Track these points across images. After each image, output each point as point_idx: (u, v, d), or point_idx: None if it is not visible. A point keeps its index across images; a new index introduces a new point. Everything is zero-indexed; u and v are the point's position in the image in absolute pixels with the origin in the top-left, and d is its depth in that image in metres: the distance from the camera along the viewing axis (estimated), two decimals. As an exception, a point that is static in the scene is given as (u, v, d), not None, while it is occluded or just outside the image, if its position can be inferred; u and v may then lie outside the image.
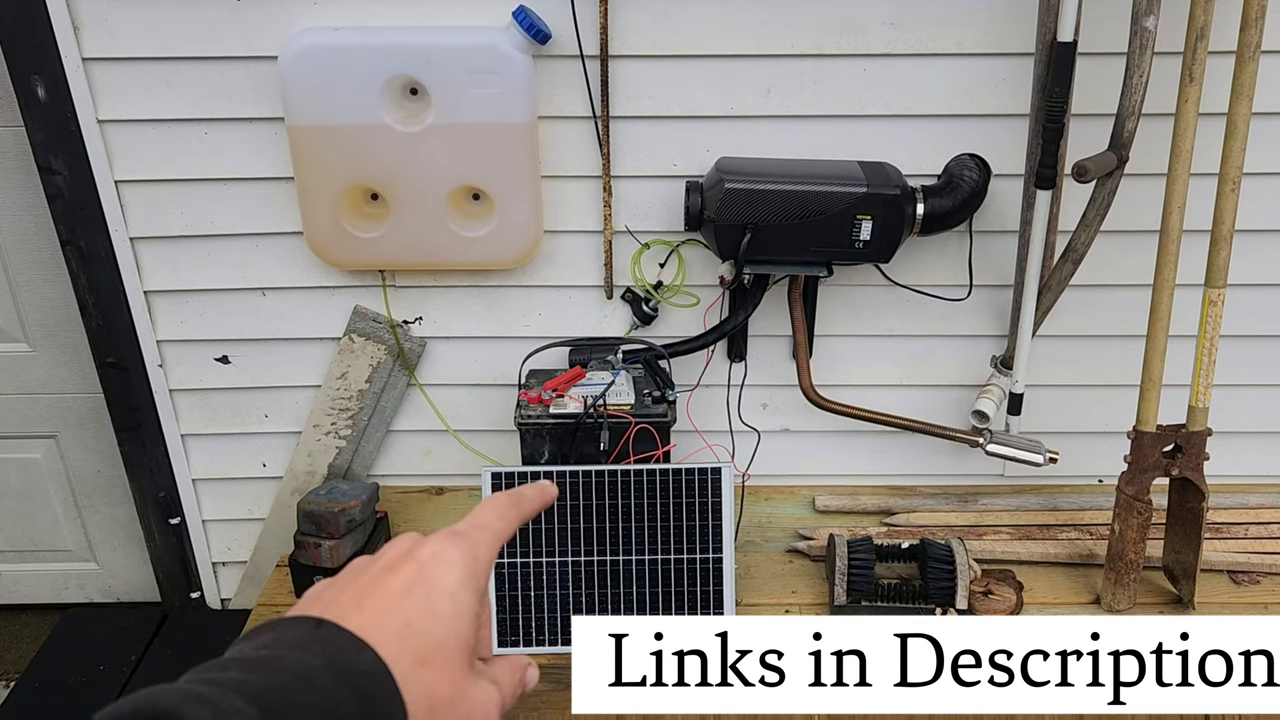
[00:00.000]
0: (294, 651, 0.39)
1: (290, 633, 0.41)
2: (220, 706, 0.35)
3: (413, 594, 0.43)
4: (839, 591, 1.56)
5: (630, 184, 1.64)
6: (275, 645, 0.40)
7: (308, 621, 0.41)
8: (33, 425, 2.00)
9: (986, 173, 1.59)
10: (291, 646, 0.39)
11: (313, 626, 0.41)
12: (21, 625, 2.17)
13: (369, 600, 0.42)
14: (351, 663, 0.39)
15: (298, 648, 0.39)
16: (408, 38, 1.51)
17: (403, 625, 0.42)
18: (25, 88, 1.56)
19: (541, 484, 0.54)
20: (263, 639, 0.41)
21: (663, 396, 1.62)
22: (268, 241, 1.69)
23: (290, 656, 0.39)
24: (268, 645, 0.40)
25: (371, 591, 0.43)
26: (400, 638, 0.41)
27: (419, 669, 0.41)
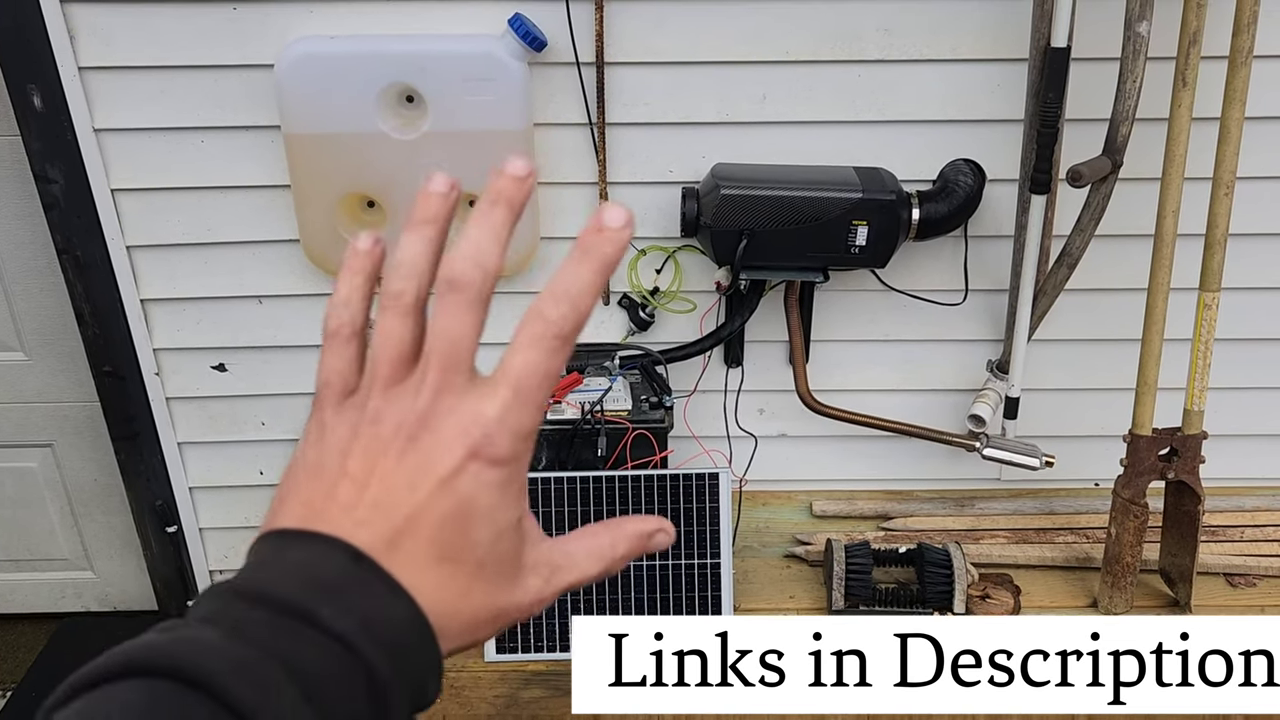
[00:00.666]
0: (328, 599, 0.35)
1: (325, 562, 0.37)
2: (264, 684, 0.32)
3: (445, 528, 0.38)
4: (837, 596, 1.56)
5: (626, 190, 1.65)
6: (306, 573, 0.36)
7: (344, 551, 0.37)
8: (29, 434, 1.99)
9: (981, 178, 1.59)
10: (327, 589, 0.36)
11: (350, 560, 0.37)
12: (18, 635, 2.16)
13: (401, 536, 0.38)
14: (389, 615, 0.36)
15: (334, 593, 0.36)
16: (403, 46, 1.51)
17: (439, 561, 0.38)
18: (21, 97, 1.56)
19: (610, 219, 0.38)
20: (293, 558, 0.37)
21: (660, 402, 1.62)
22: (264, 249, 1.69)
23: (326, 607, 0.35)
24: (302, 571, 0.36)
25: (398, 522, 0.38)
26: (437, 576, 0.38)
27: (459, 604, 0.39)
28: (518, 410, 0.38)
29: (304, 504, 0.39)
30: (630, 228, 0.38)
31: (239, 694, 0.32)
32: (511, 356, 0.38)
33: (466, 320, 0.39)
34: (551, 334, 0.38)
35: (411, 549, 0.38)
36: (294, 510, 0.39)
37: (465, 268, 0.39)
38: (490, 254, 0.39)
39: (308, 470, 0.40)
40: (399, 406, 0.39)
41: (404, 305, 0.40)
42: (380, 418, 0.39)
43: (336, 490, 0.39)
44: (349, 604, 0.36)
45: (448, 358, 0.39)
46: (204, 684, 0.32)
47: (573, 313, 0.38)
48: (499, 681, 1.52)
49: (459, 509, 0.38)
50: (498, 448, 0.38)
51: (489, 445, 0.38)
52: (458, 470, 0.38)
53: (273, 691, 0.33)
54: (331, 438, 0.40)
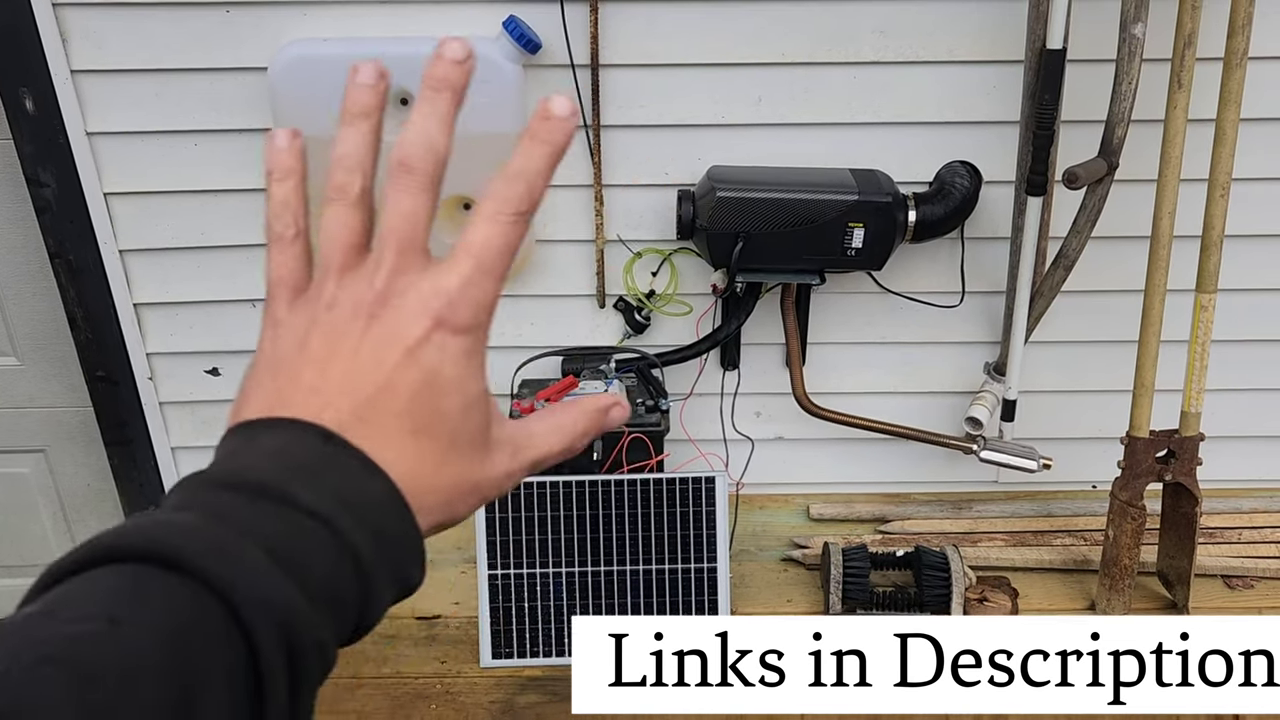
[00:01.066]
0: (305, 480, 0.35)
1: (297, 445, 0.36)
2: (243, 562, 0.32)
3: (416, 400, 0.38)
4: (834, 600, 1.55)
5: (622, 193, 1.64)
6: (282, 458, 0.36)
7: (314, 432, 0.37)
8: (21, 439, 1.98)
9: (978, 180, 1.59)
10: (301, 470, 0.35)
11: (321, 442, 0.36)
12: (10, 641, 2.15)
13: (370, 411, 0.37)
14: (365, 493, 0.36)
15: (308, 474, 0.35)
16: (398, 48, 1.50)
17: (412, 433, 0.38)
18: (13, 100, 1.56)
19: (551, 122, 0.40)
20: (264, 444, 0.36)
21: (656, 405, 1.61)
22: (258, 253, 1.67)
23: (303, 491, 0.35)
24: (274, 456, 0.36)
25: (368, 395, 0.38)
26: (413, 448, 0.38)
27: (434, 476, 0.38)
28: (479, 280, 0.39)
29: (268, 394, 0.39)
30: (576, 117, 0.40)
31: (219, 572, 0.31)
32: (470, 232, 0.39)
33: (420, 201, 0.40)
34: (509, 210, 0.40)
35: (383, 423, 0.37)
36: (259, 402, 0.39)
37: (417, 151, 0.40)
38: (439, 137, 0.40)
39: (267, 365, 0.40)
40: (356, 289, 0.39)
41: (351, 196, 0.40)
42: (338, 302, 0.39)
43: (300, 376, 0.38)
44: (326, 484, 0.35)
45: (403, 237, 0.39)
46: (184, 565, 0.31)
47: (527, 190, 0.40)
48: (495, 687, 1.51)
49: (428, 379, 0.38)
50: (461, 316, 0.39)
51: (452, 313, 0.38)
52: (423, 340, 0.38)
53: (253, 570, 0.32)
54: (287, 331, 0.40)
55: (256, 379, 0.40)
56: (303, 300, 0.41)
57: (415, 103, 0.40)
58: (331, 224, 0.40)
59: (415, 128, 0.40)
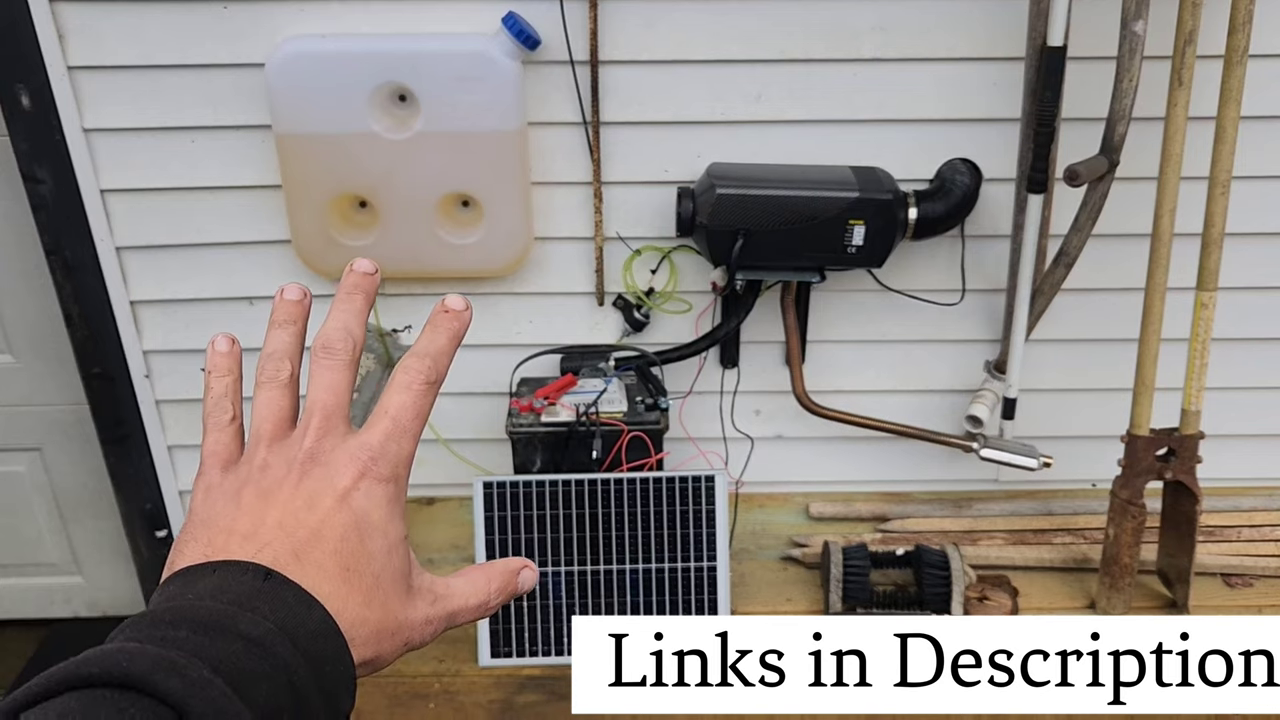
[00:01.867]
0: (244, 611, 0.38)
1: (236, 583, 0.39)
2: (190, 676, 0.34)
3: (346, 539, 0.42)
4: (834, 599, 1.55)
5: (621, 190, 1.64)
6: (222, 597, 0.39)
7: (254, 571, 0.40)
8: (17, 438, 1.97)
9: (978, 177, 1.59)
10: (241, 603, 0.38)
11: (260, 579, 0.40)
12: (7, 641, 2.14)
13: (305, 548, 0.42)
14: (302, 623, 0.39)
15: (247, 606, 0.38)
16: (396, 45, 1.50)
17: (343, 571, 0.42)
18: (9, 96, 1.55)
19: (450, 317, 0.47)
20: (206, 585, 0.39)
21: (655, 404, 1.61)
22: (255, 250, 1.68)
23: (242, 618, 0.38)
24: (215, 596, 0.39)
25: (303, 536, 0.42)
26: (343, 584, 0.42)
27: (363, 611, 0.42)
28: (398, 437, 0.45)
29: (203, 545, 0.42)
30: (469, 310, 0.48)
31: (168, 686, 0.33)
32: (386, 399, 0.46)
33: (341, 376, 0.46)
34: (419, 380, 0.46)
35: (318, 560, 0.42)
36: (194, 552, 0.42)
37: (338, 336, 0.46)
38: (356, 328, 0.47)
39: (200, 522, 0.44)
40: (287, 451, 0.45)
41: (281, 380, 0.47)
42: (269, 464, 0.44)
43: (235, 525, 0.43)
44: (264, 613, 0.38)
45: (328, 406, 0.45)
46: (135, 684, 0.33)
47: (433, 365, 0.46)
48: (494, 686, 1.51)
49: (356, 521, 0.43)
50: (383, 466, 0.44)
51: (375, 464, 0.44)
52: (351, 487, 0.43)
53: (200, 684, 0.34)
54: (220, 493, 0.45)
55: (191, 534, 0.43)
56: (235, 467, 0.45)
57: (334, 301, 0.47)
58: (263, 403, 0.46)
59: (335, 319, 0.47)
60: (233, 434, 0.47)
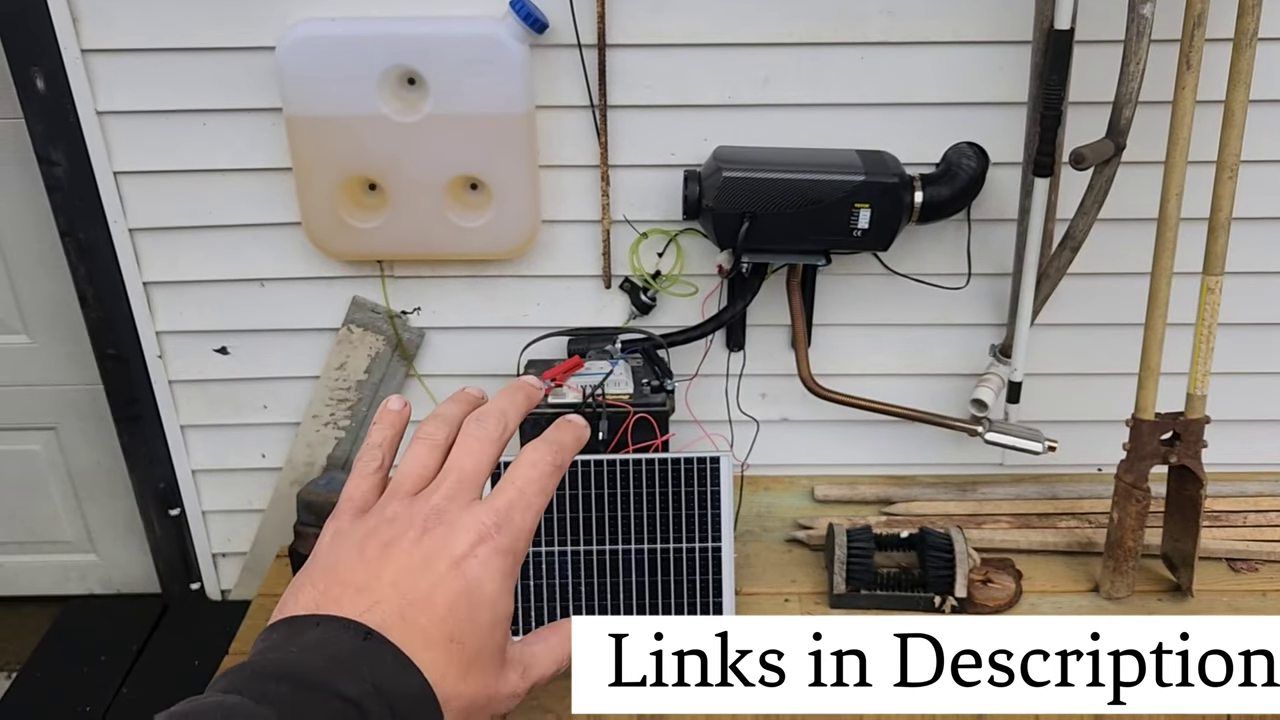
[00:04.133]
0: (343, 671, 0.38)
1: (339, 641, 0.40)
2: None
3: (456, 608, 0.42)
4: (838, 580, 1.56)
5: (628, 173, 1.64)
6: (323, 652, 0.39)
7: (356, 630, 0.40)
8: (32, 417, 2.00)
9: (984, 161, 1.59)
10: (340, 661, 0.39)
11: (361, 638, 0.40)
12: (22, 617, 2.17)
13: (413, 612, 0.41)
14: (399, 687, 0.39)
15: (346, 666, 0.39)
16: (405, 28, 1.51)
17: (447, 641, 0.42)
18: (24, 79, 1.56)
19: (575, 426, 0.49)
20: (309, 638, 0.40)
21: (661, 386, 1.62)
22: (266, 232, 1.69)
23: (342, 677, 0.38)
24: (316, 650, 0.39)
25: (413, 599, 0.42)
26: (444, 654, 0.41)
27: (460, 684, 0.42)
28: (522, 508, 0.45)
29: (319, 592, 0.43)
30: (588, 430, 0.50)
31: None
32: (516, 469, 0.46)
33: (486, 451, 0.47)
34: (548, 462, 0.47)
35: (425, 625, 0.41)
36: (308, 599, 0.42)
37: (493, 413, 0.48)
38: (512, 416, 0.48)
39: (321, 567, 0.44)
40: (416, 508, 0.45)
41: (435, 442, 0.48)
42: (398, 517, 0.45)
43: (352, 576, 0.43)
44: (363, 675, 0.39)
45: (465, 472, 0.46)
46: None
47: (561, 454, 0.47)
48: (500, 663, 1.52)
49: (469, 590, 0.43)
50: (504, 536, 0.44)
51: (497, 531, 0.44)
52: (469, 554, 0.43)
53: None
54: (346, 539, 0.45)
55: (310, 577, 0.44)
56: (367, 515, 0.46)
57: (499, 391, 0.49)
58: (411, 458, 0.47)
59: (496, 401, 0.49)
60: (375, 483, 0.48)
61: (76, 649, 1.99)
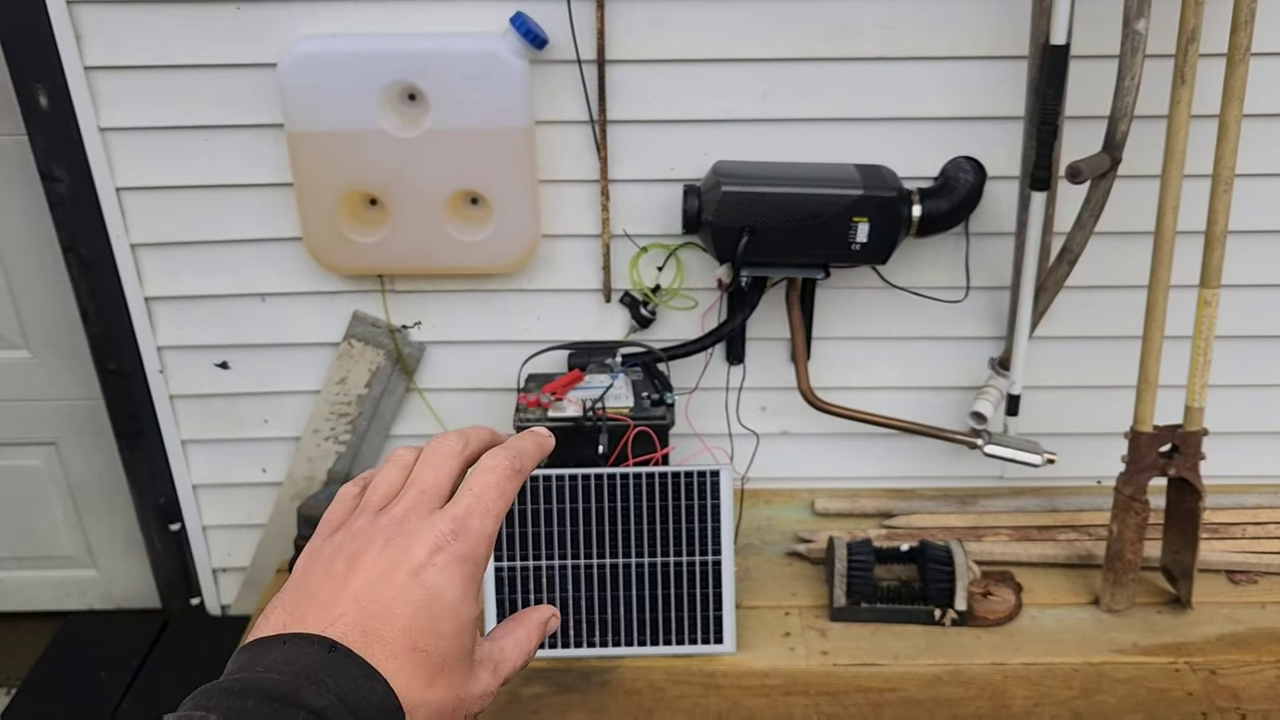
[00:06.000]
0: (308, 684, 0.39)
1: (304, 657, 0.41)
2: None
3: (417, 618, 0.43)
4: (838, 593, 1.56)
5: (628, 188, 1.65)
6: (289, 668, 0.40)
7: (321, 644, 0.41)
8: (33, 432, 2.00)
9: (982, 175, 1.60)
10: (306, 675, 0.40)
11: (325, 651, 0.41)
12: (22, 632, 2.17)
13: (375, 624, 0.42)
14: (364, 697, 0.40)
15: (312, 679, 0.40)
16: (405, 44, 1.52)
17: (410, 650, 0.42)
18: (28, 96, 1.58)
19: (537, 434, 0.52)
20: (275, 657, 0.41)
21: (661, 399, 1.62)
22: (267, 247, 1.70)
23: (306, 690, 0.39)
24: (281, 669, 0.40)
25: (374, 611, 0.43)
26: (408, 663, 0.42)
27: (427, 691, 0.43)
28: (480, 514, 0.46)
29: (287, 611, 0.44)
30: (552, 439, 0.52)
31: None
32: (473, 477, 0.48)
33: (450, 465, 0.48)
34: (505, 466, 0.48)
35: (387, 636, 0.42)
36: (277, 620, 0.44)
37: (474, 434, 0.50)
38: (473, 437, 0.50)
39: (292, 586, 0.46)
40: (379, 521, 0.46)
41: (404, 463, 0.50)
42: (362, 530, 0.46)
43: (319, 593, 0.44)
44: (326, 686, 0.40)
45: (426, 484, 0.47)
46: None
47: (518, 457, 0.49)
48: (501, 677, 1.52)
49: (429, 599, 0.44)
50: (462, 543, 0.45)
51: (454, 539, 0.45)
52: (426, 562, 0.44)
53: None
54: (317, 558, 0.46)
55: (282, 599, 0.45)
56: (338, 532, 0.48)
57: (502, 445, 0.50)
58: (381, 477, 0.49)
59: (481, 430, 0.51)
60: (349, 508, 0.49)
61: (76, 664, 1.98)
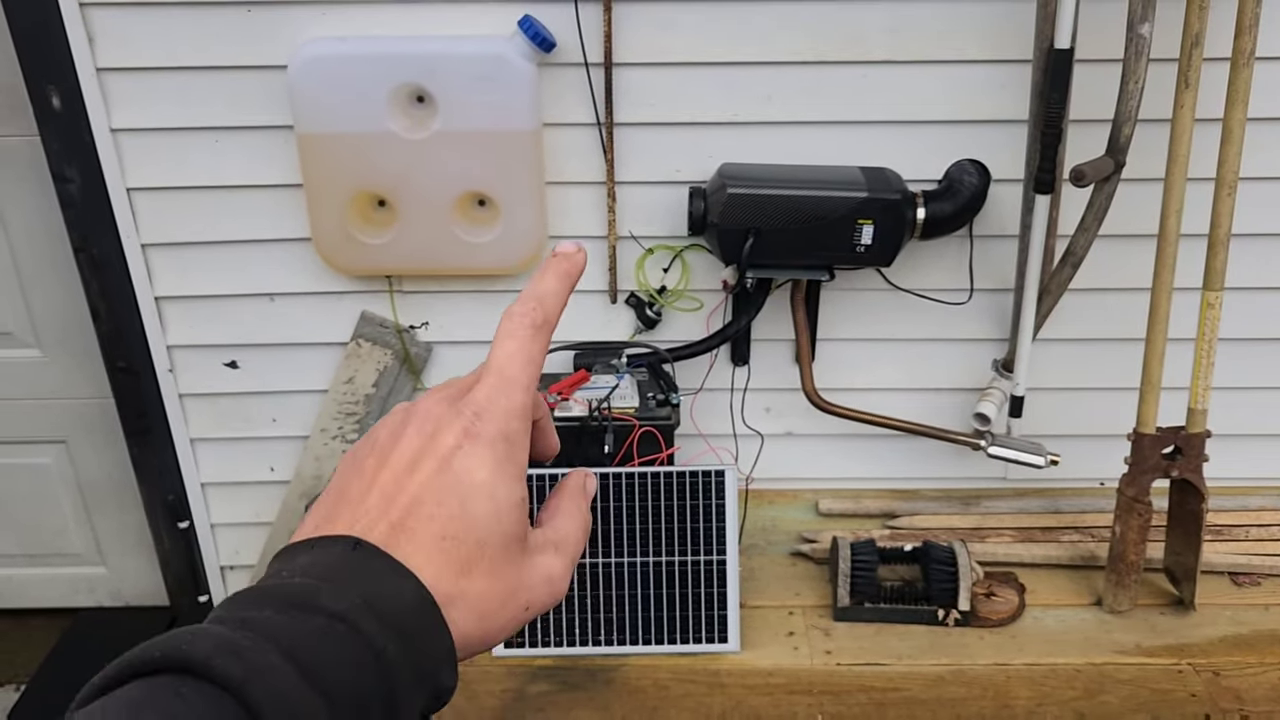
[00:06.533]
0: (331, 585, 0.37)
1: (327, 557, 0.38)
2: (253, 662, 0.33)
3: (444, 504, 0.40)
4: (842, 593, 1.57)
5: (634, 190, 1.66)
6: (312, 571, 0.37)
7: (345, 542, 0.39)
8: (43, 430, 2.02)
9: (986, 178, 1.61)
10: (328, 576, 0.37)
11: (349, 548, 0.38)
12: (31, 629, 2.18)
13: (401, 516, 0.40)
14: (392, 596, 0.37)
15: (335, 579, 0.37)
16: (414, 46, 1.53)
17: (439, 539, 0.39)
18: (40, 97, 1.59)
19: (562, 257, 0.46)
20: (300, 562, 0.39)
21: (666, 400, 1.63)
22: (276, 248, 1.71)
23: (327, 592, 0.36)
24: (305, 571, 0.38)
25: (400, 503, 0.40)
26: (439, 553, 0.39)
27: (463, 581, 0.39)
28: (505, 389, 0.42)
29: (321, 516, 0.41)
30: (583, 253, 0.46)
31: (228, 672, 0.33)
32: (493, 349, 0.43)
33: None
34: (523, 325, 0.43)
35: (414, 527, 0.39)
36: (310, 524, 0.41)
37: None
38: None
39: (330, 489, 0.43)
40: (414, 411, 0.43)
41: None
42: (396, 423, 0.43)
43: (349, 491, 0.41)
44: (351, 589, 0.37)
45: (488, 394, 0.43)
46: (195, 668, 0.33)
47: (538, 306, 0.44)
48: (506, 676, 1.54)
49: (456, 483, 0.40)
50: (487, 424, 0.42)
51: (478, 422, 0.42)
52: (454, 448, 0.41)
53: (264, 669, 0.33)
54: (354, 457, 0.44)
55: (319, 502, 0.43)
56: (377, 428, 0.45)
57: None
58: None
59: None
60: None
61: (85, 661, 2.00)
